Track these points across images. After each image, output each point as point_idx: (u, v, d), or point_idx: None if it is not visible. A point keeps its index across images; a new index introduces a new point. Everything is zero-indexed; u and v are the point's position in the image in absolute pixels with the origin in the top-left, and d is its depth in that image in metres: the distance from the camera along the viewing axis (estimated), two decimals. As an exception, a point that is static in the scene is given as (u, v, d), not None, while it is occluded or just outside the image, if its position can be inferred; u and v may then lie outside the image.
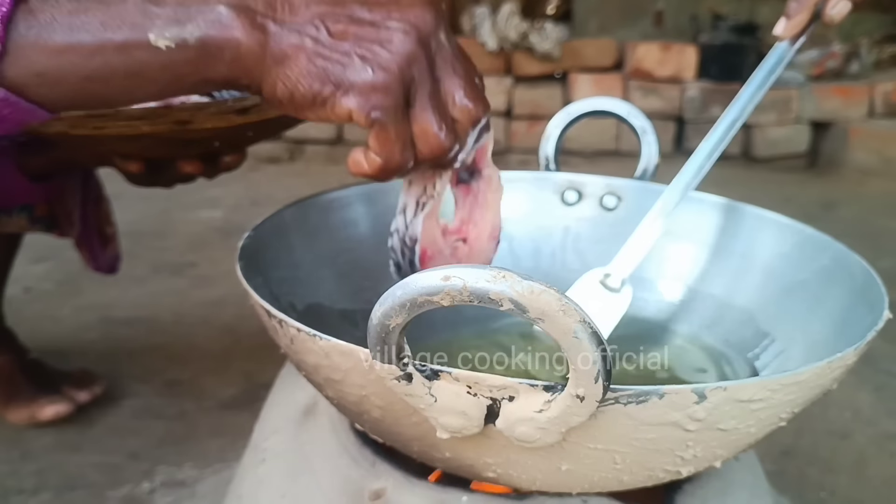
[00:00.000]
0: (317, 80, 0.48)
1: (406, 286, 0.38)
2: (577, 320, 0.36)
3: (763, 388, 0.43)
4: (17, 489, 0.96)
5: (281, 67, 0.48)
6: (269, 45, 0.47)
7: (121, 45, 0.46)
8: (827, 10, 0.65)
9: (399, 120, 0.49)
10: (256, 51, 0.47)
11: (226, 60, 0.47)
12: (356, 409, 0.50)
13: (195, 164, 0.75)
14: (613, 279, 0.68)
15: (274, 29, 0.48)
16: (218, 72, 0.48)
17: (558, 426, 0.41)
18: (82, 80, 0.46)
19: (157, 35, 0.46)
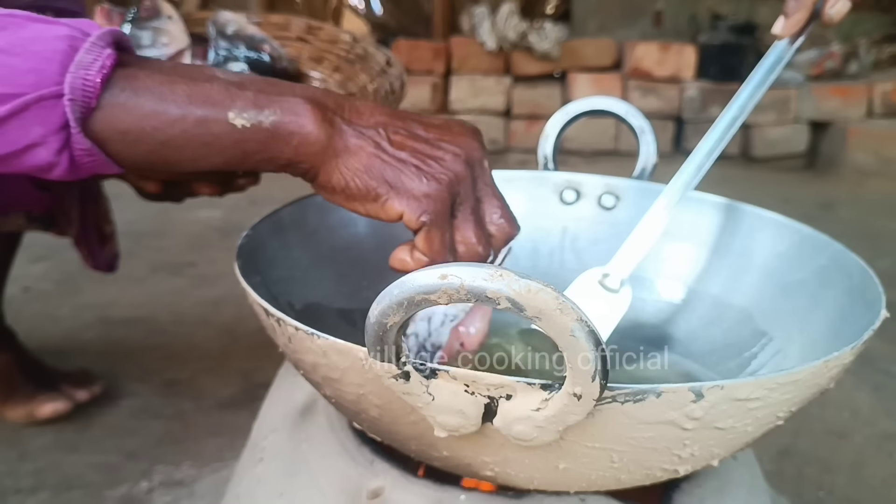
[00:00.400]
0: (373, 178, 0.52)
1: (403, 285, 0.38)
2: (575, 319, 0.36)
3: (760, 387, 0.43)
4: (14, 489, 0.96)
5: (341, 159, 0.52)
6: (335, 138, 0.52)
7: (201, 118, 0.50)
8: (826, 10, 0.65)
9: (446, 227, 0.54)
10: (322, 141, 0.52)
11: (292, 145, 0.52)
12: (354, 407, 0.50)
13: (211, 186, 0.75)
14: (612, 279, 0.68)
15: (341, 125, 0.53)
16: (283, 154, 0.52)
17: (555, 425, 0.41)
18: (159, 144, 0.50)
19: (236, 114, 0.50)
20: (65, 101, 0.47)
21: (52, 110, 0.47)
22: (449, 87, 2.89)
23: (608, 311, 0.68)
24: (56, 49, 0.48)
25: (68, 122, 0.48)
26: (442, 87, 2.89)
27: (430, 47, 2.92)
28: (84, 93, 0.48)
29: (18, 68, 0.47)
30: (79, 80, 0.47)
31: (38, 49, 0.48)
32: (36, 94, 0.47)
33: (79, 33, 0.48)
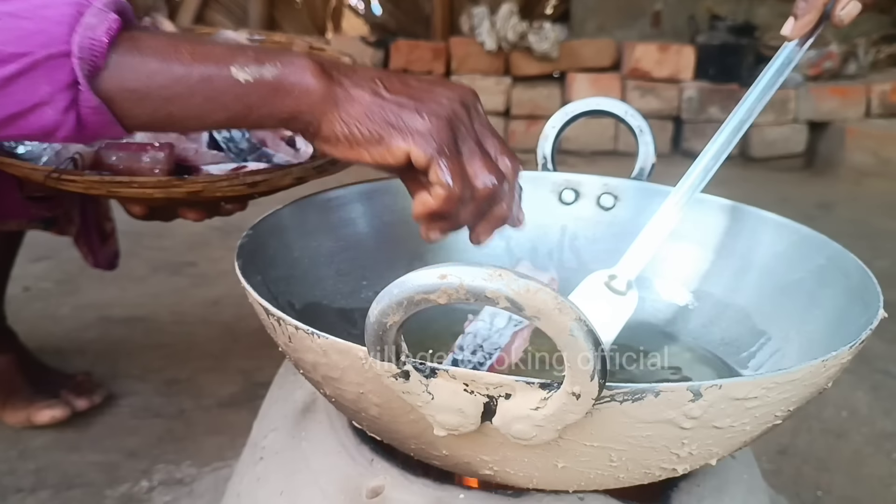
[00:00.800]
0: (375, 121, 0.53)
1: (403, 284, 0.38)
2: (573, 318, 0.36)
3: (758, 387, 0.44)
4: (15, 488, 0.96)
5: (342, 108, 0.53)
6: (334, 87, 0.53)
7: (205, 74, 0.52)
8: (836, 11, 0.64)
9: (455, 157, 0.54)
10: (322, 91, 0.53)
11: (294, 96, 0.53)
12: (354, 406, 0.50)
13: (198, 213, 0.77)
14: (619, 281, 0.68)
15: (339, 77, 0.54)
16: (285, 107, 0.53)
17: (554, 424, 0.41)
18: (164, 100, 0.52)
19: (238, 69, 0.52)
20: (73, 60, 0.49)
21: (60, 69, 0.49)
22: (448, 87, 2.89)
23: (615, 314, 0.68)
24: (64, 13, 0.50)
25: (76, 80, 0.49)
26: (441, 87, 2.89)
27: (429, 47, 2.92)
28: (92, 52, 0.50)
29: (28, 30, 0.49)
30: (86, 41, 0.49)
31: (47, 14, 0.50)
32: (45, 52, 0.49)
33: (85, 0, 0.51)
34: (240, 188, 0.72)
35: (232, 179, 0.71)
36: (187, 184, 0.70)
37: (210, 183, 0.71)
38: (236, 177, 0.71)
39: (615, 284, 0.68)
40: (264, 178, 0.72)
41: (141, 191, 0.70)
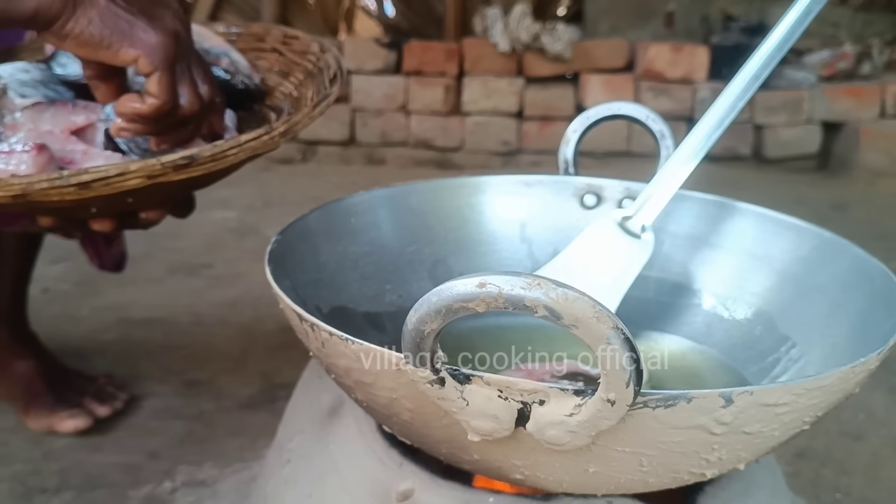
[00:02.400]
0: (108, 27, 0.61)
1: (441, 293, 0.38)
2: (611, 327, 0.37)
3: (788, 393, 0.44)
4: (40, 488, 0.97)
5: (79, 9, 0.60)
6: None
7: None
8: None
9: (173, 73, 0.64)
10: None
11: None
12: (386, 411, 0.51)
13: (104, 222, 0.71)
14: (634, 223, 0.66)
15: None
16: (27, 7, 0.58)
17: (588, 430, 0.42)
18: None
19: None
20: None
21: None
22: (461, 89, 2.90)
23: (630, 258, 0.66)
24: None
25: None
26: (455, 88, 2.90)
27: (442, 49, 2.93)
28: None
29: None
30: None
31: None
32: None
33: None
34: (69, 190, 0.60)
35: (54, 179, 0.60)
36: (4, 187, 0.60)
37: (29, 184, 0.60)
38: (59, 177, 0.60)
39: (629, 225, 0.67)
40: (96, 177, 0.60)
41: None
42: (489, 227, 0.82)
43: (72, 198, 0.62)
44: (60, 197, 0.62)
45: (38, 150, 0.67)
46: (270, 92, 0.89)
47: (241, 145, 0.64)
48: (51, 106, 0.74)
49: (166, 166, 0.61)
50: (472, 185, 0.82)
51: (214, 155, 0.63)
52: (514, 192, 0.83)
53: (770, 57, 0.66)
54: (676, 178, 0.66)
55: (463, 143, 2.92)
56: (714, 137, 0.66)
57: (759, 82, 0.66)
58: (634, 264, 0.66)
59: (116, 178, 0.61)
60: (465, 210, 0.82)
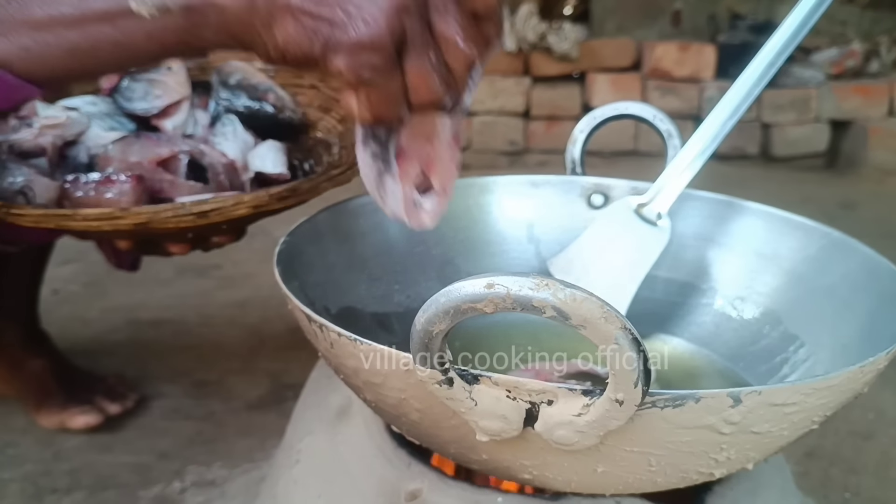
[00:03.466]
0: (305, 40, 0.47)
1: (450, 294, 0.39)
2: (619, 327, 0.37)
3: (797, 392, 0.44)
4: (51, 488, 0.98)
5: (270, 30, 0.48)
6: (257, 6, 0.47)
7: (102, 14, 0.47)
8: None
9: (389, 77, 0.48)
10: (243, 14, 0.48)
11: (212, 25, 0.48)
12: (394, 411, 0.51)
13: (181, 246, 0.75)
14: (650, 209, 0.66)
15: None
16: (205, 38, 0.49)
17: (597, 430, 0.42)
18: (67, 52, 0.48)
19: (138, 3, 0.47)
20: None
21: None
22: (468, 88, 2.90)
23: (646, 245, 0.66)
24: None
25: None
26: (461, 88, 2.90)
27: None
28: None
29: None
30: None
31: None
32: None
33: None
34: (188, 219, 0.68)
35: (178, 209, 0.68)
36: (131, 215, 0.67)
37: (155, 213, 0.67)
38: (182, 206, 0.68)
39: (645, 212, 0.66)
40: (213, 207, 0.68)
41: (86, 223, 0.68)
42: (497, 228, 0.82)
43: (185, 225, 0.68)
44: (177, 225, 0.68)
45: (136, 181, 0.73)
46: (313, 126, 0.96)
47: (331, 178, 0.73)
48: (138, 138, 0.80)
49: (272, 197, 0.69)
50: (479, 185, 0.82)
51: (311, 187, 0.71)
52: (521, 192, 0.83)
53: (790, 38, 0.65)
54: (693, 164, 0.66)
55: (470, 142, 2.92)
56: (730, 124, 0.66)
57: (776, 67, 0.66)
58: (651, 252, 0.65)
59: (231, 207, 0.68)
60: (473, 210, 0.82)
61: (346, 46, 0.47)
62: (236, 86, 0.91)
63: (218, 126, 0.88)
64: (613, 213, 0.66)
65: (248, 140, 0.88)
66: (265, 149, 0.87)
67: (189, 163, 0.80)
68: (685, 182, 0.66)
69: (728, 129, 0.66)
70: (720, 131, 0.66)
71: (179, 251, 0.76)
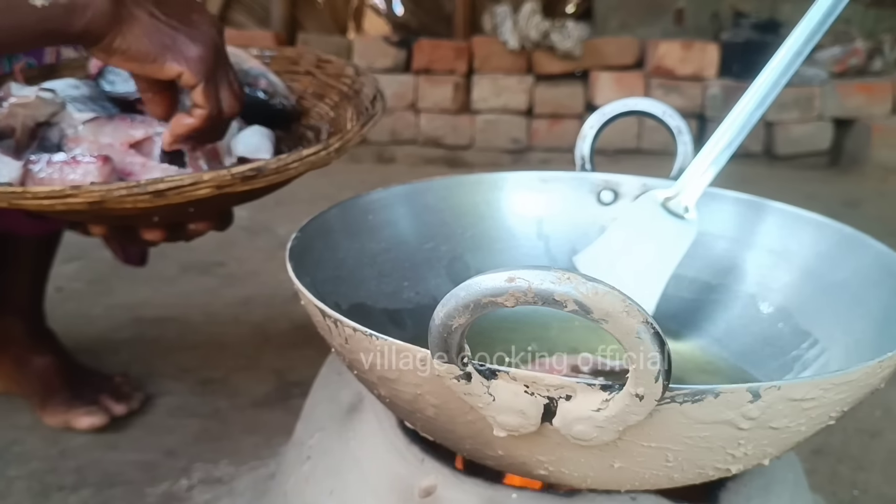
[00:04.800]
0: (153, 43, 0.64)
1: (470, 287, 0.38)
2: (641, 321, 0.37)
3: (816, 388, 0.44)
4: (57, 486, 0.97)
5: (125, 26, 0.63)
6: (119, 7, 0.62)
7: (6, 4, 0.59)
8: None
9: (215, 84, 0.67)
10: (110, 10, 0.62)
11: (87, 17, 0.61)
12: (409, 407, 0.51)
13: (156, 232, 0.74)
14: (677, 203, 0.65)
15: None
16: (78, 24, 0.61)
17: (616, 425, 0.42)
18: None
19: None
20: None
21: None
22: (471, 87, 2.90)
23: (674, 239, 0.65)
24: None
25: None
26: (464, 86, 2.90)
27: (452, 47, 2.92)
28: None
29: None
30: None
31: None
32: None
33: None
34: (144, 198, 0.64)
35: (132, 187, 0.63)
36: (83, 193, 0.63)
37: (108, 192, 0.63)
38: (137, 185, 0.63)
39: (672, 205, 0.66)
40: (170, 186, 0.64)
41: (37, 202, 0.64)
42: (506, 224, 0.82)
43: (143, 205, 0.65)
44: (133, 204, 0.65)
45: (103, 161, 0.71)
46: (306, 113, 0.93)
47: (301, 159, 0.68)
48: (111, 120, 0.79)
49: (235, 177, 0.66)
50: (488, 181, 0.82)
51: (279, 168, 0.67)
52: (530, 188, 0.83)
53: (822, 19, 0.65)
54: (720, 157, 0.65)
55: (473, 140, 2.92)
56: (758, 114, 0.65)
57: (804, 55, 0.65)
58: (679, 245, 0.64)
59: (189, 187, 0.65)
60: (482, 207, 0.81)
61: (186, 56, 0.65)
62: None
63: None
64: (640, 207, 0.66)
65: (233, 125, 0.85)
66: (249, 133, 0.83)
67: None
68: (712, 175, 0.65)
69: (756, 119, 0.65)
70: (747, 122, 0.65)
71: (154, 237, 0.74)
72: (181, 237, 0.76)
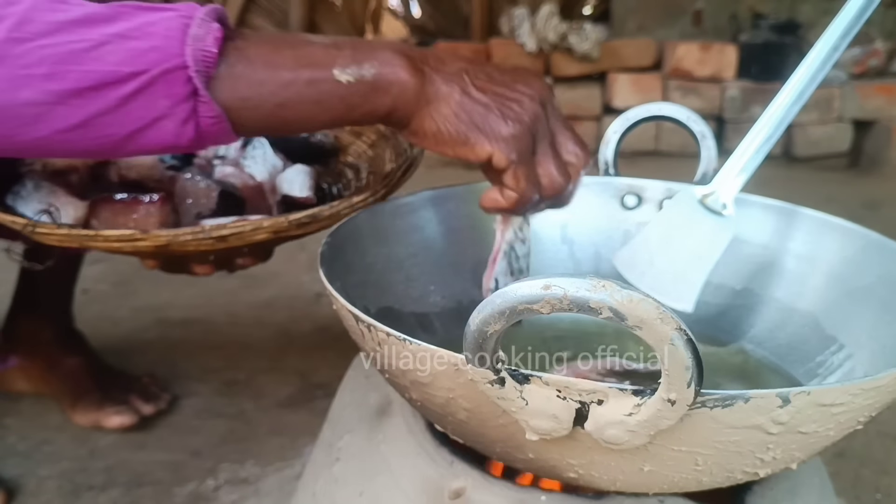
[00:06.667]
0: (462, 122, 0.57)
1: (506, 295, 0.39)
2: (674, 328, 0.37)
3: (845, 393, 0.44)
4: (87, 485, 0.99)
5: (433, 106, 0.57)
6: (426, 85, 0.57)
7: (310, 78, 0.55)
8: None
9: (530, 163, 0.59)
10: (416, 89, 0.56)
11: (392, 94, 0.56)
12: (441, 411, 0.52)
13: (205, 267, 0.77)
14: (714, 199, 0.65)
15: (430, 74, 0.57)
16: (383, 105, 0.57)
17: (647, 429, 0.42)
18: (275, 106, 0.55)
19: (340, 71, 0.55)
20: (190, 72, 0.51)
21: (177, 82, 0.51)
22: (489, 89, 2.90)
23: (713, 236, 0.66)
24: (171, 27, 0.52)
25: (195, 90, 0.52)
26: (482, 88, 2.91)
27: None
28: (205, 63, 0.51)
29: (140, 48, 0.51)
30: (198, 52, 0.51)
31: (155, 30, 0.51)
32: (160, 67, 0.51)
33: (187, 12, 0.53)
34: (207, 242, 0.69)
35: (197, 233, 0.68)
36: (151, 237, 0.68)
37: (174, 237, 0.68)
38: (202, 230, 0.68)
39: (711, 202, 0.66)
40: (232, 232, 0.69)
41: (107, 244, 0.68)
42: (531, 228, 0.83)
43: (204, 249, 0.69)
44: (196, 248, 0.69)
45: (163, 202, 0.75)
46: (344, 150, 0.97)
47: (353, 207, 0.73)
48: None
49: (291, 223, 0.69)
50: (513, 186, 0.83)
51: (331, 215, 0.71)
52: (555, 193, 0.83)
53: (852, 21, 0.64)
54: (757, 155, 0.66)
55: (490, 143, 2.93)
56: (794, 111, 0.65)
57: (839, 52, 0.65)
58: (719, 242, 0.65)
59: (249, 232, 0.69)
60: (507, 211, 0.82)
61: (498, 135, 0.57)
62: None
63: (248, 149, 0.89)
64: (678, 204, 0.66)
65: (277, 163, 0.89)
66: (293, 172, 0.88)
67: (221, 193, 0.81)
68: (750, 173, 0.66)
69: (793, 114, 0.65)
70: (784, 118, 0.66)
71: (204, 272, 0.77)
72: (227, 269, 0.79)
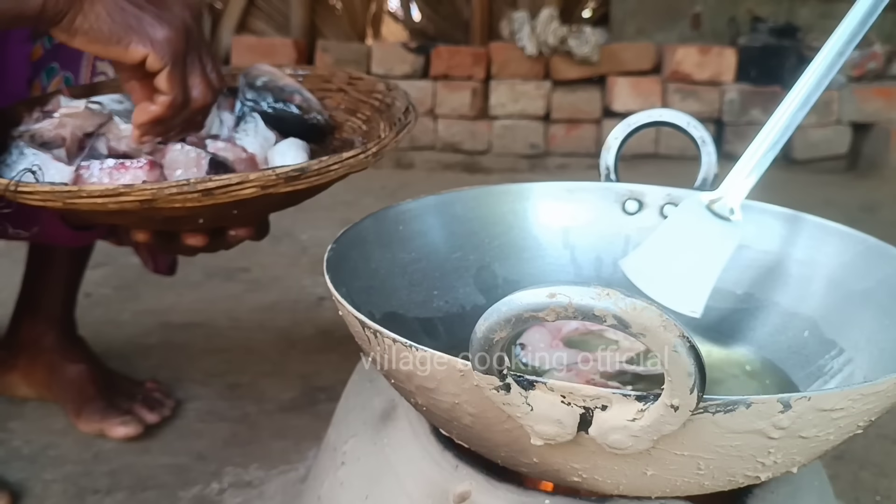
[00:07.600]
0: (117, 23, 0.61)
1: (511, 303, 0.40)
2: (677, 335, 0.38)
3: (845, 398, 0.45)
4: (92, 489, 1.00)
5: (86, 4, 0.61)
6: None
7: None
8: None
9: (182, 69, 0.64)
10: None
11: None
12: (446, 416, 0.52)
13: (198, 237, 0.76)
14: (722, 205, 0.66)
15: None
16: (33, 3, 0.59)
17: (651, 434, 0.43)
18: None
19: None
20: None
21: None
22: (489, 93, 2.91)
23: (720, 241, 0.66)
24: None
25: None
26: (482, 92, 2.92)
27: (470, 53, 2.94)
28: None
29: None
30: None
31: None
32: None
33: None
34: (193, 196, 0.67)
35: (182, 186, 0.66)
36: (135, 191, 0.66)
37: (159, 190, 0.66)
38: (187, 183, 0.66)
39: (718, 208, 0.67)
40: (218, 185, 0.67)
41: (91, 200, 0.67)
42: (532, 234, 0.83)
43: (191, 205, 0.68)
44: (182, 203, 0.68)
45: (151, 166, 0.74)
46: (339, 127, 0.97)
47: (342, 161, 0.72)
48: None
49: (279, 177, 0.69)
50: (515, 191, 0.83)
51: (320, 169, 0.70)
52: (556, 198, 0.84)
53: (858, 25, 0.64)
54: (763, 159, 0.66)
55: (490, 146, 2.94)
56: (801, 115, 0.66)
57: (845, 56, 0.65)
58: (726, 246, 0.65)
59: (236, 185, 0.68)
60: (509, 216, 0.83)
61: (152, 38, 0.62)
62: (262, 87, 0.92)
63: (241, 125, 0.89)
64: (685, 210, 0.67)
65: (270, 137, 0.88)
66: (286, 146, 0.86)
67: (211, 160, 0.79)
68: (757, 177, 0.66)
69: (800, 119, 0.65)
70: (791, 123, 0.66)
71: (196, 243, 0.76)
72: (221, 244, 0.78)
